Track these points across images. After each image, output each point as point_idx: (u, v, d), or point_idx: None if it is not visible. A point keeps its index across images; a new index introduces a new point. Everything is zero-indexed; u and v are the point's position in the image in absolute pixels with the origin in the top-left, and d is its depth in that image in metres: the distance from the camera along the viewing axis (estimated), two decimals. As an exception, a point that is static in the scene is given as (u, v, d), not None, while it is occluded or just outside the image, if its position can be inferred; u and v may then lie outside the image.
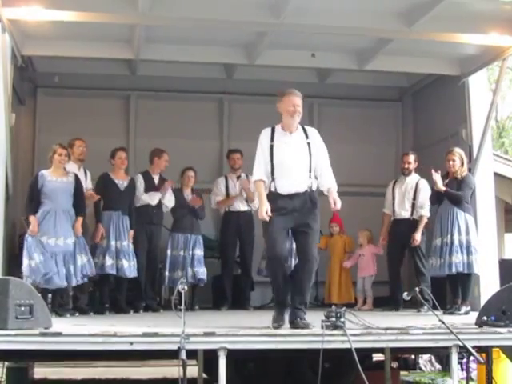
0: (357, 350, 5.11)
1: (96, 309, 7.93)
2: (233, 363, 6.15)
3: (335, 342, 5.26)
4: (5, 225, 7.53)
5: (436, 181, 7.82)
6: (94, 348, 5.20)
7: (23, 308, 5.10)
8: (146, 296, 8.52)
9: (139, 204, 8.42)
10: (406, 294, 5.64)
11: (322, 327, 5.30)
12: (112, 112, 10.41)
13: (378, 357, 7.25)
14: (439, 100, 9.83)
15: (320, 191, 5.97)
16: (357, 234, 9.19)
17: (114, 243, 7.98)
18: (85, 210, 7.57)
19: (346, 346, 5.16)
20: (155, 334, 5.21)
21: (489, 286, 7.91)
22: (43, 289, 6.91)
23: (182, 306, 5.04)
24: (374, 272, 8.97)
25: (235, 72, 10.02)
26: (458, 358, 5.72)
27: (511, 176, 11.94)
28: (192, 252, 8.67)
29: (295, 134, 5.93)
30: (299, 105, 5.87)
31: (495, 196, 8.91)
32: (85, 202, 7.62)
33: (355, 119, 10.67)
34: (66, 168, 7.44)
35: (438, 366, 9.29)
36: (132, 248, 8.11)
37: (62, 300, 7.42)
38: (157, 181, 8.63)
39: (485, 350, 6.19)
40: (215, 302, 9.38)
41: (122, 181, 8.25)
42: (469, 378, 7.04)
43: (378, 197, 9.11)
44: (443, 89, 9.60)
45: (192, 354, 4.99)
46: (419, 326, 5.62)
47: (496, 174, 9.57)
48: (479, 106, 8.75)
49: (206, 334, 5.19)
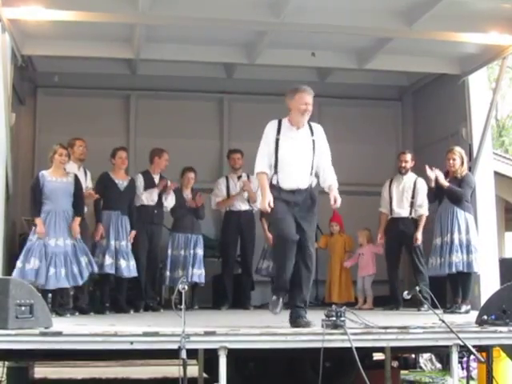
0: (357, 349, 5.11)
1: (96, 308, 7.92)
2: (233, 362, 6.16)
3: (336, 341, 5.26)
4: (5, 225, 7.53)
5: (438, 176, 7.81)
6: (95, 347, 5.20)
7: (23, 308, 5.10)
8: (147, 295, 8.51)
9: (140, 204, 8.42)
10: (406, 292, 5.64)
11: (323, 326, 5.29)
12: (112, 112, 10.40)
13: (378, 356, 7.25)
14: (439, 99, 9.82)
15: (320, 190, 5.96)
16: (356, 234, 9.20)
17: (113, 243, 7.97)
18: (83, 210, 7.56)
19: (347, 345, 5.16)
20: (155, 334, 5.20)
21: (489, 284, 7.91)
22: (43, 289, 6.91)
23: (183, 306, 5.03)
24: (374, 271, 8.97)
25: (235, 71, 10.01)
26: (459, 357, 5.72)
27: (511, 175, 11.94)
28: (193, 252, 8.68)
29: (302, 130, 5.92)
30: (311, 103, 5.86)
31: (495, 195, 8.91)
32: (84, 202, 7.61)
33: (355, 118, 10.66)
34: (65, 168, 7.44)
35: (439, 365, 9.29)
36: (130, 248, 8.09)
37: (62, 300, 7.41)
38: (157, 180, 8.61)
39: (485, 349, 6.20)
40: (216, 301, 9.36)
41: (121, 181, 8.24)
42: (469, 377, 7.06)
43: (377, 196, 9.08)
44: (443, 88, 9.59)
45: (192, 354, 4.99)
46: (419, 325, 5.62)
47: (496, 173, 9.58)
48: (479, 104, 8.75)
49: (207, 334, 5.18)
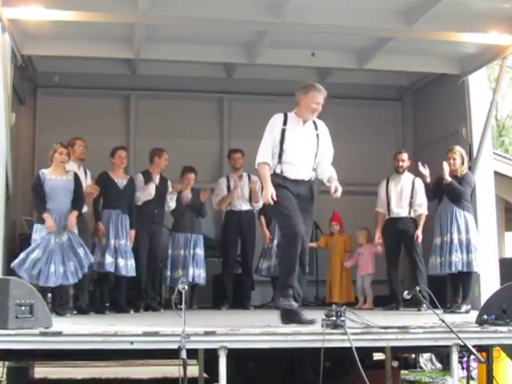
0: (357, 348, 5.10)
1: (96, 308, 7.92)
2: (233, 362, 6.15)
3: (336, 340, 5.24)
4: (5, 225, 7.53)
5: (444, 169, 7.80)
6: (95, 347, 5.18)
7: (23, 308, 5.08)
8: (147, 295, 8.51)
9: (140, 203, 8.42)
10: (406, 292, 5.64)
11: (323, 326, 5.29)
12: (112, 112, 10.41)
13: (378, 356, 7.25)
14: (439, 99, 9.82)
15: (320, 190, 5.97)
16: (355, 233, 9.19)
17: (113, 241, 7.96)
18: (81, 206, 7.49)
19: (347, 345, 5.15)
20: (156, 334, 5.19)
21: (489, 284, 7.91)
22: (43, 287, 6.90)
23: (183, 306, 5.02)
24: (373, 271, 8.97)
25: (235, 71, 10.01)
26: (459, 357, 5.71)
27: (511, 175, 11.94)
28: (193, 251, 8.68)
29: (307, 124, 5.96)
30: (321, 103, 5.86)
31: (495, 195, 8.91)
32: (84, 200, 7.59)
33: (355, 118, 10.66)
34: (65, 167, 7.43)
35: (439, 365, 9.29)
36: (130, 247, 8.08)
37: (62, 299, 7.41)
38: (157, 180, 8.62)
39: (485, 349, 6.20)
40: (216, 301, 9.37)
41: (121, 179, 8.23)
42: (469, 377, 7.06)
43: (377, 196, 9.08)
44: (443, 88, 9.59)
45: (192, 354, 4.97)
46: (419, 325, 5.61)
47: (496, 173, 9.58)
48: (479, 104, 8.75)
49: (207, 334, 5.17)
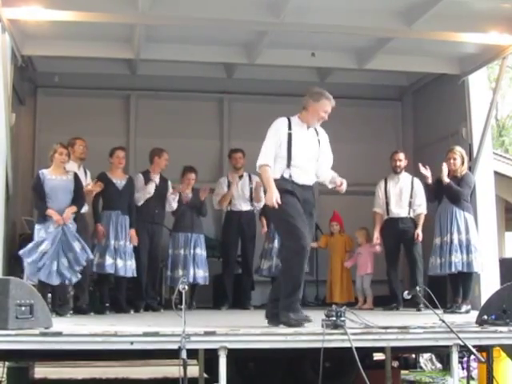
0: (357, 349, 5.10)
1: (96, 308, 7.92)
2: (233, 363, 6.16)
3: (336, 341, 5.24)
4: (5, 225, 7.53)
5: (442, 170, 7.80)
6: (95, 348, 5.18)
7: (23, 308, 5.08)
8: (147, 295, 8.51)
9: (140, 203, 8.42)
10: (406, 292, 5.64)
11: (323, 326, 5.29)
12: (112, 112, 10.40)
13: (378, 356, 7.25)
14: (439, 99, 9.82)
15: (320, 189, 5.97)
16: (355, 233, 9.19)
17: (113, 242, 7.96)
18: (81, 203, 7.43)
19: (347, 345, 5.15)
20: (156, 334, 5.19)
21: (489, 284, 7.91)
22: (43, 286, 6.90)
23: (183, 306, 5.02)
24: (372, 270, 8.96)
25: (235, 71, 10.02)
26: (459, 357, 5.71)
27: (511, 175, 11.94)
28: (194, 251, 8.67)
29: (310, 129, 5.96)
30: (329, 113, 5.87)
31: (495, 195, 8.91)
32: (84, 199, 7.57)
33: (355, 118, 10.65)
34: (65, 167, 7.43)
35: (439, 365, 9.30)
36: (130, 248, 8.08)
37: (61, 300, 7.40)
38: (157, 180, 8.62)
39: (485, 349, 6.21)
40: (216, 301, 9.37)
41: (119, 180, 8.22)
42: (469, 377, 7.06)
43: (378, 196, 9.07)
44: (443, 88, 9.59)
45: (192, 354, 4.98)
46: (420, 325, 5.61)
47: (496, 173, 9.58)
48: (479, 104, 8.75)
49: (207, 334, 5.17)
